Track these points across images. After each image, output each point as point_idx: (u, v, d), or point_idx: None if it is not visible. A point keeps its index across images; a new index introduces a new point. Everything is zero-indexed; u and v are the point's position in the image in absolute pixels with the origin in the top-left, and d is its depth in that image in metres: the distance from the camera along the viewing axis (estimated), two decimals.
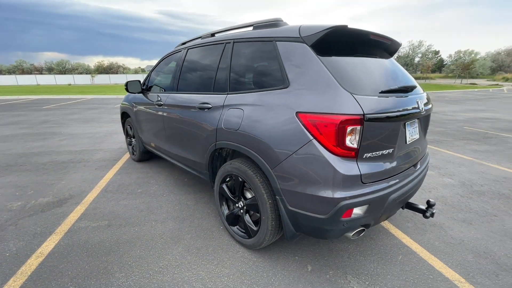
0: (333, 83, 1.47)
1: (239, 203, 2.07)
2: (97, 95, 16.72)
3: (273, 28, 1.86)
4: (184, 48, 2.79)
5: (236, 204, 2.11)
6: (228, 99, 2.03)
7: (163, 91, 3.04)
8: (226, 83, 2.10)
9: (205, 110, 2.22)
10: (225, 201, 2.27)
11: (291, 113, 1.56)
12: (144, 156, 3.94)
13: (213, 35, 2.49)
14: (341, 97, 1.44)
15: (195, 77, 2.56)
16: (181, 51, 2.83)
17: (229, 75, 2.09)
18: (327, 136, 1.44)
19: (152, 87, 3.34)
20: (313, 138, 1.47)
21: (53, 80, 41.40)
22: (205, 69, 2.41)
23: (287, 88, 1.64)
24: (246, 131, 1.80)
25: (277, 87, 1.71)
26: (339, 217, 1.47)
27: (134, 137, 3.92)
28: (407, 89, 1.82)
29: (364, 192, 1.49)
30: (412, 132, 1.84)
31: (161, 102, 2.88)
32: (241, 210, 2.06)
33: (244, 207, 2.03)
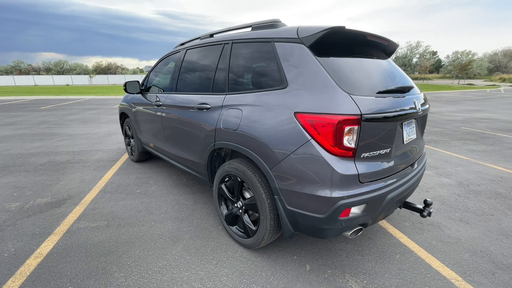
0: (331, 84, 1.49)
1: (238, 203, 2.08)
2: (96, 96, 16.67)
3: (272, 29, 1.87)
4: (183, 49, 2.80)
5: (235, 204, 2.11)
6: (227, 100, 2.04)
7: (162, 92, 3.05)
8: (225, 84, 2.11)
9: (204, 111, 2.23)
10: (224, 201, 2.28)
11: (289, 113, 1.57)
12: (143, 157, 3.94)
13: (212, 36, 2.50)
14: (339, 98, 1.45)
15: (194, 78, 2.57)
16: (180, 52, 2.84)
17: (228, 76, 2.10)
18: (325, 136, 1.45)
19: (151, 88, 3.35)
20: (311, 138, 1.48)
21: (51, 81, 41.22)
22: (204, 70, 2.42)
23: (286, 89, 1.65)
24: (245, 131, 1.81)
25: (276, 88, 1.72)
26: (337, 216, 1.48)
27: (133, 138, 3.92)
28: (404, 90, 1.83)
29: (362, 192, 1.50)
30: (409, 132, 1.85)
31: (160, 103, 2.88)
32: (240, 210, 2.07)
33: (243, 207, 2.03)
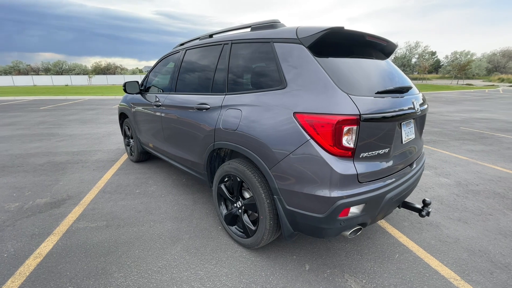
0: (330, 84, 1.49)
1: (237, 203, 2.08)
2: (95, 96, 16.64)
3: (271, 30, 1.88)
4: (182, 49, 2.80)
5: (235, 204, 2.12)
6: (226, 100, 2.04)
7: (161, 92, 3.05)
8: (224, 84, 2.12)
9: (203, 111, 2.23)
10: (224, 201, 2.28)
11: (289, 114, 1.58)
12: (142, 157, 3.94)
13: (211, 36, 2.50)
14: (338, 98, 1.46)
15: (193, 78, 2.57)
16: (179, 52, 2.85)
17: (227, 76, 2.10)
18: (324, 136, 1.46)
19: (150, 88, 3.35)
20: (310, 138, 1.49)
21: (50, 81, 41.14)
22: (203, 70, 2.42)
23: (285, 89, 1.66)
24: (244, 131, 1.81)
25: (275, 88, 1.72)
26: (336, 216, 1.49)
27: (132, 138, 3.92)
28: (403, 90, 1.84)
29: (361, 191, 1.51)
30: (408, 132, 1.86)
31: (159, 103, 2.89)
32: (240, 210, 2.08)
33: (242, 207, 2.04)
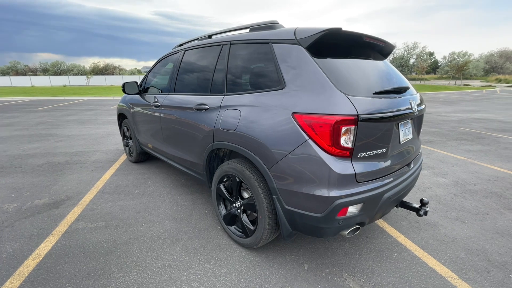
0: (328, 85, 1.51)
1: (236, 203, 2.09)
2: (93, 97, 16.61)
3: (269, 31, 1.89)
4: (181, 50, 2.81)
5: (233, 204, 2.13)
6: (225, 100, 2.05)
7: (160, 92, 3.05)
8: (223, 84, 2.13)
9: (202, 111, 2.24)
10: (223, 201, 2.29)
11: (287, 114, 1.59)
12: (141, 157, 3.94)
13: (210, 37, 2.51)
14: (336, 98, 1.47)
15: (192, 79, 2.58)
16: (178, 53, 2.85)
17: (226, 77, 2.11)
18: (322, 136, 1.47)
19: (149, 89, 3.35)
20: (309, 138, 1.50)
21: (48, 81, 41.00)
22: (202, 71, 2.43)
23: (283, 89, 1.67)
24: (243, 132, 1.82)
25: (273, 88, 1.73)
26: (335, 216, 1.50)
27: (131, 138, 3.92)
28: (401, 90, 1.86)
29: (359, 191, 1.52)
30: (406, 132, 1.88)
31: (158, 103, 2.89)
32: (238, 210, 2.08)
33: (241, 207, 2.05)
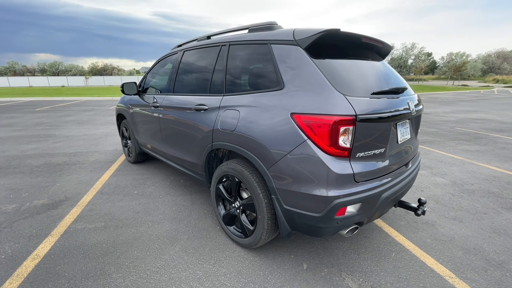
0: (327, 85, 1.52)
1: (236, 203, 2.09)
2: (91, 97, 16.57)
3: (268, 31, 1.90)
4: (180, 50, 2.82)
5: (233, 204, 2.13)
6: (224, 101, 2.06)
7: (159, 93, 3.05)
8: (222, 85, 2.13)
9: (202, 112, 2.24)
10: (222, 202, 2.29)
11: (286, 114, 1.60)
12: (140, 158, 3.94)
13: (209, 38, 2.52)
14: (334, 99, 1.48)
15: (191, 79, 2.59)
16: (177, 53, 2.86)
17: (225, 77, 2.12)
18: (321, 136, 1.48)
19: (148, 89, 3.35)
20: (308, 138, 1.51)
21: (46, 82, 40.82)
22: (201, 71, 2.44)
23: (282, 90, 1.68)
24: (242, 132, 1.83)
25: (272, 89, 1.74)
26: (333, 215, 1.51)
27: (130, 139, 3.91)
28: (398, 91, 1.87)
29: (357, 191, 1.53)
30: (404, 132, 1.89)
31: (157, 104, 2.89)
32: (238, 210, 2.09)
33: (241, 207, 2.05)
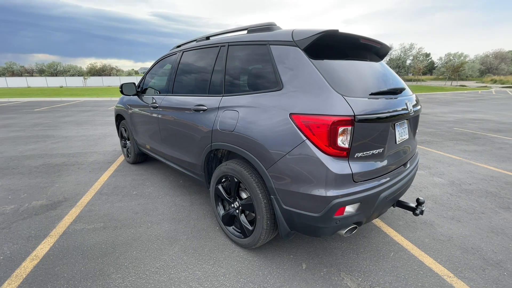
0: (325, 86, 1.53)
1: (235, 203, 2.10)
2: (90, 98, 16.53)
3: (267, 32, 1.91)
4: (179, 51, 2.82)
5: (232, 205, 2.14)
6: (223, 101, 2.06)
7: (158, 94, 3.06)
8: (221, 86, 2.14)
9: (201, 112, 2.25)
10: (221, 202, 2.30)
11: (285, 115, 1.61)
12: (139, 158, 3.93)
13: (208, 38, 2.52)
14: (333, 99, 1.49)
15: (190, 80, 2.59)
16: (176, 54, 2.86)
17: (224, 78, 2.12)
18: (320, 137, 1.48)
19: (147, 90, 3.35)
20: (306, 139, 1.52)
21: (44, 83, 40.65)
22: (200, 72, 2.44)
23: (281, 90, 1.69)
24: (241, 133, 1.83)
25: (271, 89, 1.75)
26: (332, 215, 1.51)
27: (129, 139, 3.91)
28: (397, 91, 1.88)
29: (356, 191, 1.54)
30: (402, 133, 1.90)
31: (156, 104, 2.89)
32: (237, 210, 2.09)
33: (240, 207, 2.06)
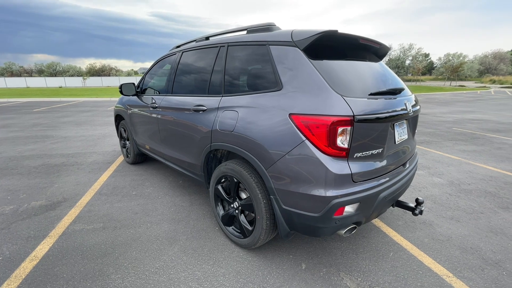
0: (325, 86, 1.53)
1: (234, 204, 2.10)
2: (89, 98, 16.51)
3: (267, 32, 1.91)
4: (179, 51, 2.82)
5: (231, 205, 2.14)
6: (223, 102, 2.06)
7: (158, 94, 3.06)
8: (221, 86, 2.14)
9: (200, 112, 2.25)
10: (220, 202, 2.30)
11: (284, 115, 1.61)
12: (138, 159, 3.93)
13: (208, 39, 2.53)
14: (332, 99, 1.49)
15: (190, 80, 2.59)
16: (176, 54, 2.86)
17: (224, 78, 2.13)
18: (319, 137, 1.49)
19: (147, 90, 3.35)
20: (306, 139, 1.52)
21: (44, 83, 40.58)
22: (200, 72, 2.44)
23: (281, 91, 1.69)
24: (241, 133, 1.84)
25: (271, 90, 1.75)
26: (332, 215, 1.52)
27: (128, 140, 3.91)
28: (396, 91, 1.89)
29: (355, 191, 1.54)
30: (401, 133, 1.91)
31: (156, 105, 2.89)
32: (236, 211, 2.09)
33: (239, 207, 2.06)
